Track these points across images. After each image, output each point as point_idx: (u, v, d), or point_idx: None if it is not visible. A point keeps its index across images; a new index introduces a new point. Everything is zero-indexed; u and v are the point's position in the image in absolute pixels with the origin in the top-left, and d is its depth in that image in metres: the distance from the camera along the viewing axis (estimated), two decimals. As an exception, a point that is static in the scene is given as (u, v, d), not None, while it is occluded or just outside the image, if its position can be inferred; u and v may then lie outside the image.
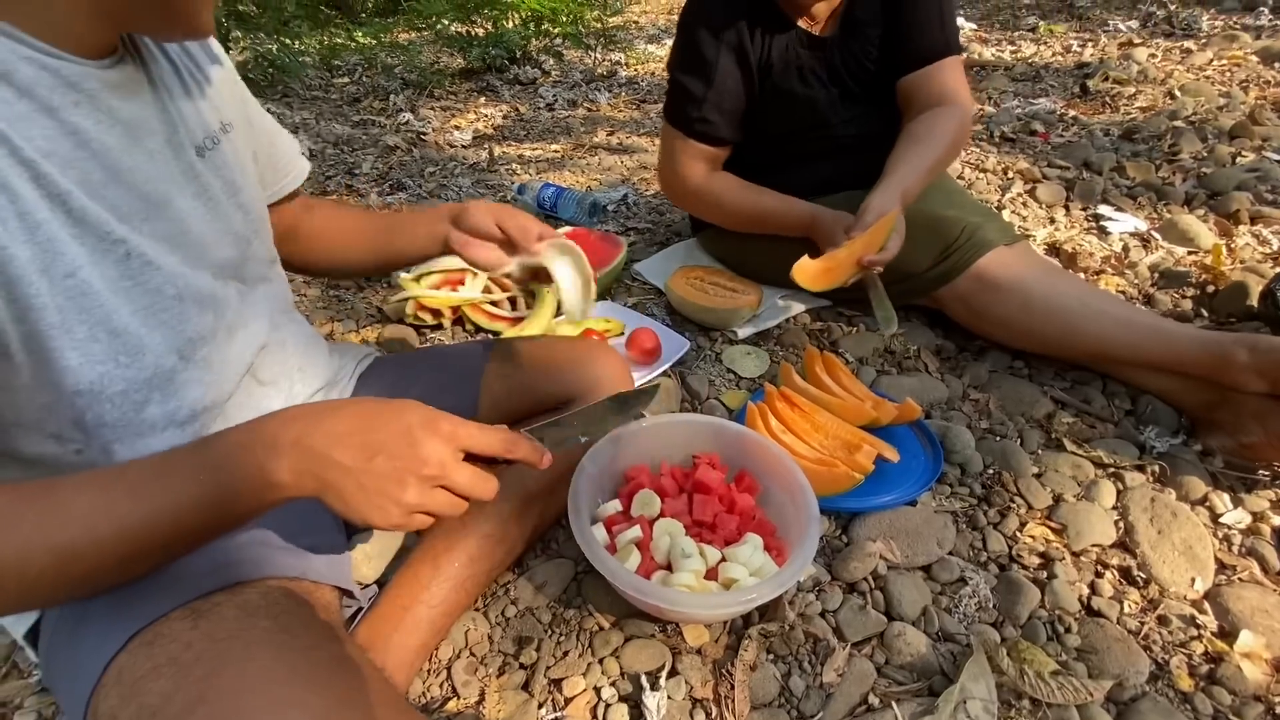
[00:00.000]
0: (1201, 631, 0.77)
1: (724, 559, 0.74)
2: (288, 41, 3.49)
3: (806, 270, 1.00)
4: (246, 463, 0.46)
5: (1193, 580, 0.83)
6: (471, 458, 0.53)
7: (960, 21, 3.60)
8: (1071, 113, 2.23)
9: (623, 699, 0.71)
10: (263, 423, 0.48)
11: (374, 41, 3.91)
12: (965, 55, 3.03)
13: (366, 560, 0.80)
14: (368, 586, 0.78)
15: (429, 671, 0.74)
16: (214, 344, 0.59)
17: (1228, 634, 0.77)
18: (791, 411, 0.99)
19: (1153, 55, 2.75)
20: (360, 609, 0.72)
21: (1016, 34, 3.36)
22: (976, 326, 1.14)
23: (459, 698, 0.71)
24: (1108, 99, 2.30)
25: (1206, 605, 0.80)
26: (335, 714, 0.44)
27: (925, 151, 1.06)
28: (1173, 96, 2.24)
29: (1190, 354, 0.95)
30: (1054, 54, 2.93)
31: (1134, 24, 3.23)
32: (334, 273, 0.91)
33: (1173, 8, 3.35)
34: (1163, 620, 0.79)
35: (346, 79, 3.50)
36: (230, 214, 0.62)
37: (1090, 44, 3.01)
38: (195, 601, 0.51)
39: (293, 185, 0.77)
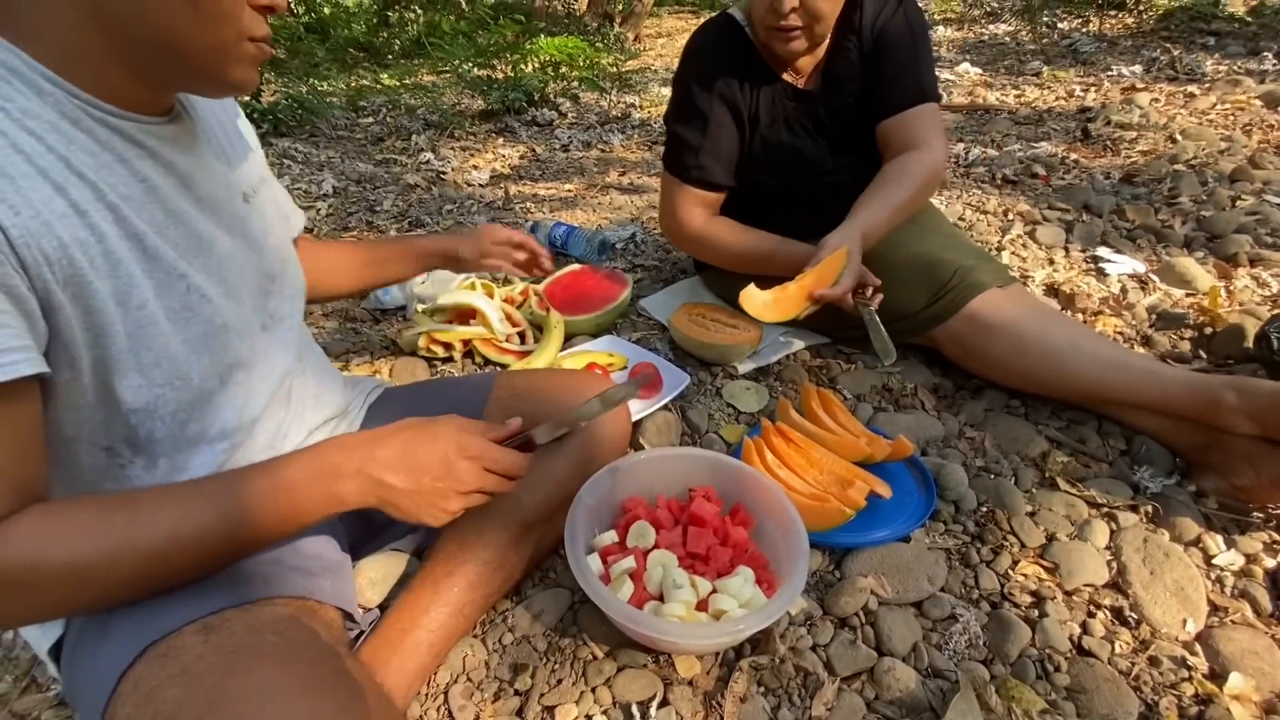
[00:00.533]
0: (1192, 673, 0.78)
1: (715, 590, 0.76)
2: (316, 84, 3.67)
3: (754, 300, 1.02)
4: (318, 488, 0.58)
5: (1184, 621, 0.83)
6: None
7: (966, 67, 3.69)
8: (1073, 156, 2.28)
9: (613, 727, 0.72)
10: (325, 453, 0.59)
11: (398, 84, 4.09)
12: (962, 98, 3.11)
13: (371, 585, 0.83)
14: (370, 611, 0.81)
15: (427, 695, 0.76)
16: (247, 370, 0.64)
17: (1218, 676, 0.77)
18: (787, 447, 1.01)
19: (1155, 100, 2.80)
20: (362, 632, 0.75)
21: (1021, 79, 3.43)
22: (971, 366, 1.17)
23: (455, 721, 0.73)
24: (1109, 143, 2.35)
25: (1198, 647, 0.81)
26: (329, 711, 0.47)
27: (892, 192, 1.11)
28: (1174, 141, 2.28)
29: (1180, 396, 0.97)
30: (1057, 98, 3.00)
31: (1137, 69, 3.29)
32: (320, 300, 1.01)
33: (1176, 53, 3.42)
34: (1153, 661, 0.79)
35: (371, 119, 3.65)
36: (265, 253, 0.68)
37: (1093, 89, 3.07)
38: (207, 617, 0.55)
39: (293, 234, 0.84)
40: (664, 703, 0.74)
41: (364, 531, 0.85)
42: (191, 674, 0.50)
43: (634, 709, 0.73)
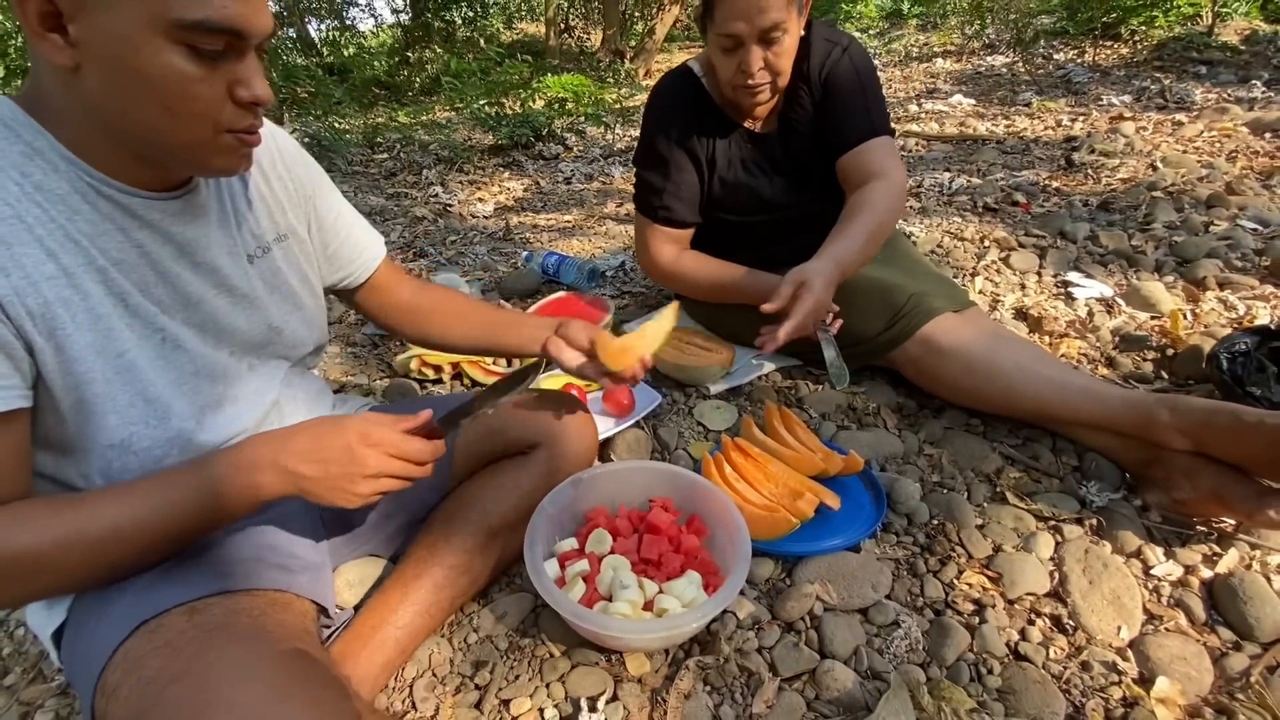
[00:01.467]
0: (1121, 677, 0.81)
1: (661, 591, 0.82)
2: (335, 122, 3.87)
3: (609, 348, 0.95)
4: (237, 480, 0.63)
5: (1119, 629, 0.87)
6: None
7: (959, 98, 3.79)
8: (1055, 184, 2.34)
9: (563, 719, 0.77)
10: (243, 448, 0.65)
11: (412, 121, 4.29)
12: (953, 129, 3.18)
13: (348, 587, 0.89)
14: (346, 610, 0.87)
15: (394, 688, 0.82)
16: (222, 410, 0.72)
17: (1146, 680, 0.80)
18: (745, 461, 1.07)
19: (1142, 128, 2.86)
20: (336, 629, 0.82)
21: (1012, 109, 3.52)
22: (926, 387, 1.22)
23: (417, 712, 0.79)
24: (1091, 171, 2.40)
25: (1130, 653, 0.84)
26: (289, 687, 0.54)
27: (862, 221, 1.16)
28: (1154, 168, 2.33)
29: (1118, 414, 1.01)
30: (1045, 128, 3.07)
31: (1127, 98, 3.36)
32: (443, 349, 1.04)
33: (1167, 82, 3.48)
34: (1085, 666, 0.83)
35: (385, 155, 3.83)
36: (269, 308, 0.76)
37: (1081, 118, 3.14)
38: (194, 602, 0.63)
39: (359, 276, 0.91)
40: (613, 698, 0.80)
41: (346, 537, 0.92)
42: (173, 646, 0.57)
43: (583, 703, 0.78)
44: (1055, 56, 4.54)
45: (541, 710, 0.78)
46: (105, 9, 0.50)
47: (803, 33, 1.23)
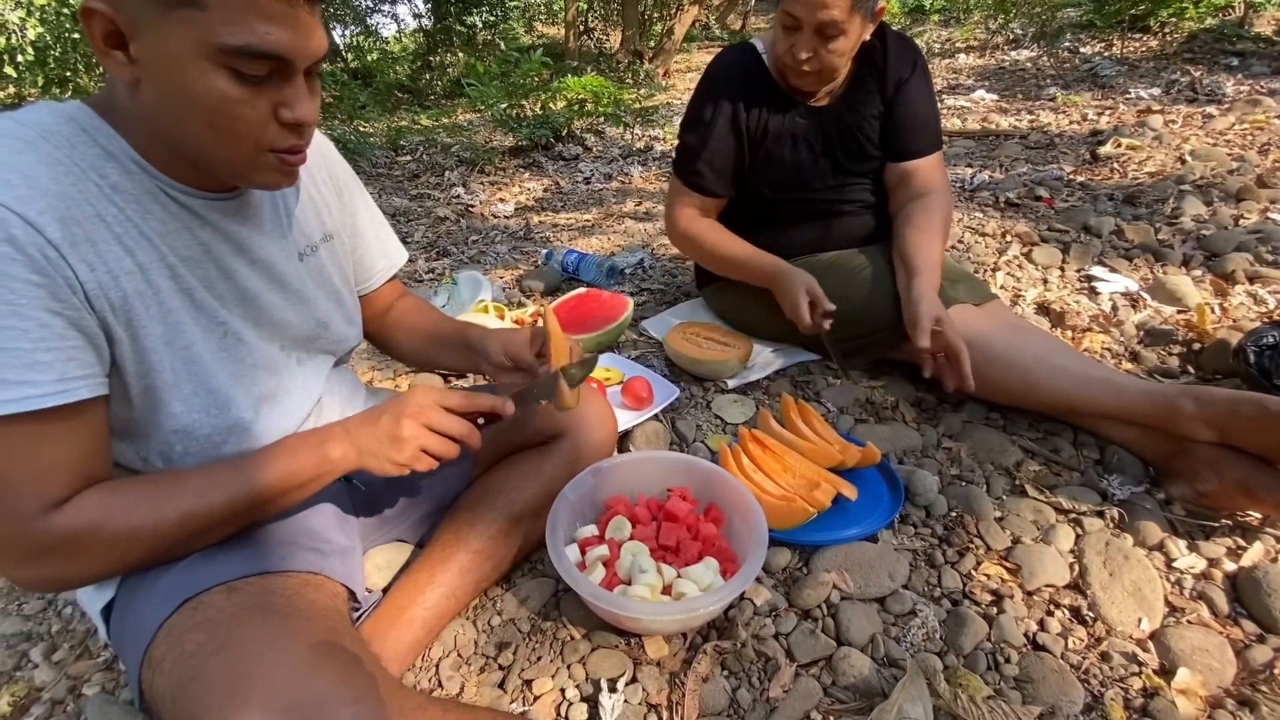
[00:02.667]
0: (1142, 668, 0.81)
1: (679, 576, 0.84)
2: (359, 125, 3.94)
3: (565, 398, 0.87)
4: (312, 448, 0.69)
5: (1139, 620, 0.86)
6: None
7: (981, 94, 3.74)
8: (1079, 178, 2.30)
9: (584, 699, 0.79)
10: (320, 427, 0.72)
11: (435, 124, 4.36)
12: (975, 124, 3.15)
13: (377, 570, 0.92)
14: (374, 593, 0.90)
15: (420, 667, 0.85)
16: (276, 401, 0.76)
17: (1167, 671, 0.80)
18: (763, 452, 1.08)
19: (1171, 121, 2.81)
20: (365, 611, 0.85)
21: (1036, 103, 3.47)
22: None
23: (443, 689, 0.81)
24: (1117, 164, 2.37)
25: (1150, 644, 0.84)
26: (321, 663, 0.57)
27: (938, 244, 1.23)
28: (1183, 161, 2.29)
29: (1140, 406, 1.01)
30: (1070, 122, 3.02)
31: (1156, 91, 3.29)
32: (410, 362, 1.07)
33: (1198, 74, 3.41)
34: (1104, 656, 0.83)
35: (409, 157, 3.89)
36: (318, 304, 0.79)
37: (1108, 112, 3.09)
38: (233, 581, 0.66)
39: (378, 282, 0.94)
40: (632, 680, 0.81)
41: (375, 522, 0.95)
42: (214, 622, 0.61)
43: (603, 684, 0.80)
44: (1081, 50, 4.46)
45: (563, 690, 0.81)
46: (158, 31, 0.53)
47: (877, 41, 1.29)
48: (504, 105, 3.84)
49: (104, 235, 0.58)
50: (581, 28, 8.58)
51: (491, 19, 8.39)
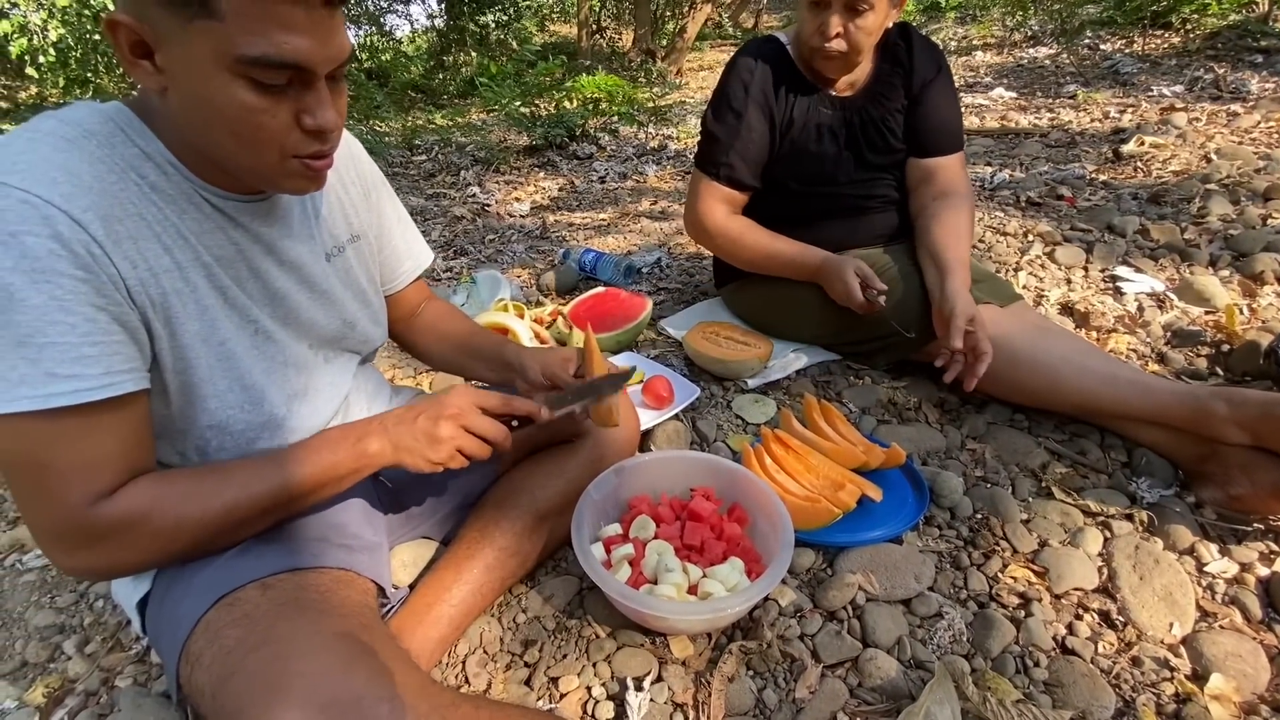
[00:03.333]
0: (1174, 673, 0.80)
1: (705, 576, 0.84)
2: (375, 125, 3.97)
3: (607, 414, 0.89)
4: (351, 441, 0.71)
5: (1171, 625, 0.85)
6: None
7: (1000, 91, 3.71)
8: (1102, 177, 2.28)
9: (610, 697, 0.80)
10: (360, 421, 0.74)
11: (450, 123, 4.38)
12: (994, 122, 3.12)
13: (403, 567, 0.93)
14: (400, 589, 0.91)
15: (447, 664, 0.85)
16: (307, 399, 0.77)
17: (1200, 677, 0.79)
18: (785, 453, 1.08)
19: (1195, 119, 2.77)
20: (392, 607, 0.85)
21: (1056, 101, 3.43)
22: (971, 381, 1.21)
23: (470, 686, 0.82)
24: (1140, 163, 2.33)
25: (1182, 649, 0.83)
26: (356, 658, 0.57)
27: (966, 243, 1.24)
28: (1208, 160, 2.25)
29: (1171, 408, 0.99)
30: (1092, 120, 2.99)
31: (1179, 89, 3.25)
32: (438, 367, 1.07)
33: (1221, 71, 3.35)
34: (1136, 661, 0.82)
35: (424, 157, 3.91)
36: (345, 304, 0.80)
37: (1130, 110, 3.05)
38: (266, 578, 0.67)
39: (404, 282, 0.94)
40: (658, 679, 0.82)
41: (401, 518, 0.96)
42: (250, 618, 0.61)
43: (629, 682, 0.80)
44: (1102, 47, 4.41)
45: (589, 688, 0.81)
46: (180, 42, 0.53)
47: (901, 40, 1.30)
48: (518, 104, 3.85)
49: (144, 233, 0.60)
50: (594, 27, 8.58)
51: (504, 18, 8.41)
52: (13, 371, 0.53)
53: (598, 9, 8.83)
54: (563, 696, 0.80)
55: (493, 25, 8.17)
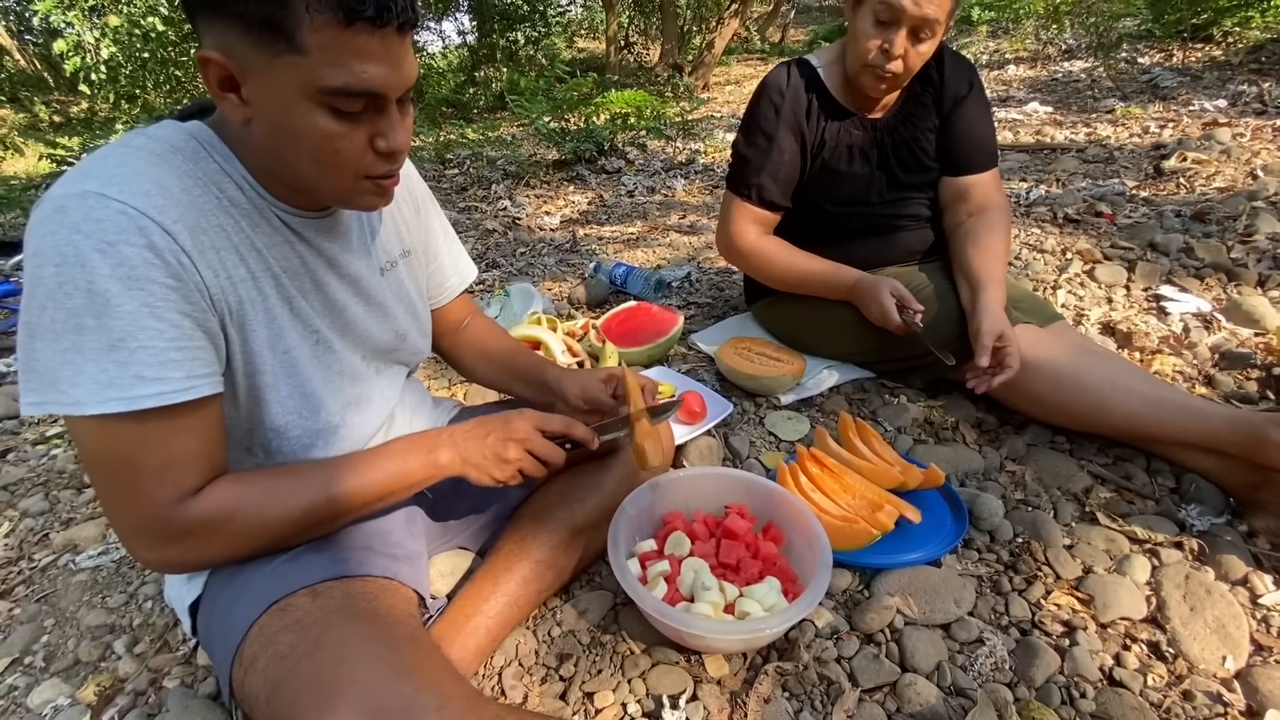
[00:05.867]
0: (1228, 709, 0.77)
1: (741, 595, 0.83)
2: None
3: (647, 457, 0.86)
4: (422, 450, 0.74)
5: (1224, 658, 0.82)
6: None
7: (1034, 106, 3.66)
8: (1143, 193, 2.23)
9: (645, 715, 0.80)
10: (430, 432, 0.77)
11: (481, 138, 4.46)
12: (1029, 138, 3.08)
13: (441, 577, 0.95)
14: (439, 599, 0.92)
15: (483, 675, 0.86)
16: (360, 409, 0.80)
17: (1255, 714, 0.76)
18: (821, 471, 1.07)
19: (1239, 134, 2.70)
20: (431, 616, 0.87)
21: (1093, 116, 3.37)
22: (1011, 402, 1.19)
23: (506, 698, 0.82)
24: (1183, 179, 2.28)
25: (1236, 684, 0.80)
26: (408, 667, 0.58)
27: (1002, 260, 1.23)
28: (1254, 176, 2.20)
29: (1223, 433, 0.96)
30: (1130, 135, 2.93)
31: (1222, 103, 3.17)
32: (479, 383, 1.09)
33: (1266, 85, 3.27)
34: (1187, 695, 0.79)
35: (456, 170, 3.99)
36: (397, 316, 0.83)
37: (1171, 125, 2.98)
38: (315, 585, 0.68)
39: (450, 296, 0.98)
40: (693, 698, 0.81)
41: (439, 529, 0.97)
42: (302, 625, 0.63)
43: (665, 700, 0.80)
44: (1140, 61, 4.33)
45: (624, 705, 0.81)
46: (266, 76, 0.56)
47: (931, 60, 1.28)
48: (547, 119, 3.91)
49: (224, 244, 0.63)
50: (622, 42, 8.69)
51: (534, 34, 8.56)
52: (103, 374, 0.56)
53: (626, 24, 8.95)
54: (598, 712, 0.80)
55: (522, 41, 8.32)
